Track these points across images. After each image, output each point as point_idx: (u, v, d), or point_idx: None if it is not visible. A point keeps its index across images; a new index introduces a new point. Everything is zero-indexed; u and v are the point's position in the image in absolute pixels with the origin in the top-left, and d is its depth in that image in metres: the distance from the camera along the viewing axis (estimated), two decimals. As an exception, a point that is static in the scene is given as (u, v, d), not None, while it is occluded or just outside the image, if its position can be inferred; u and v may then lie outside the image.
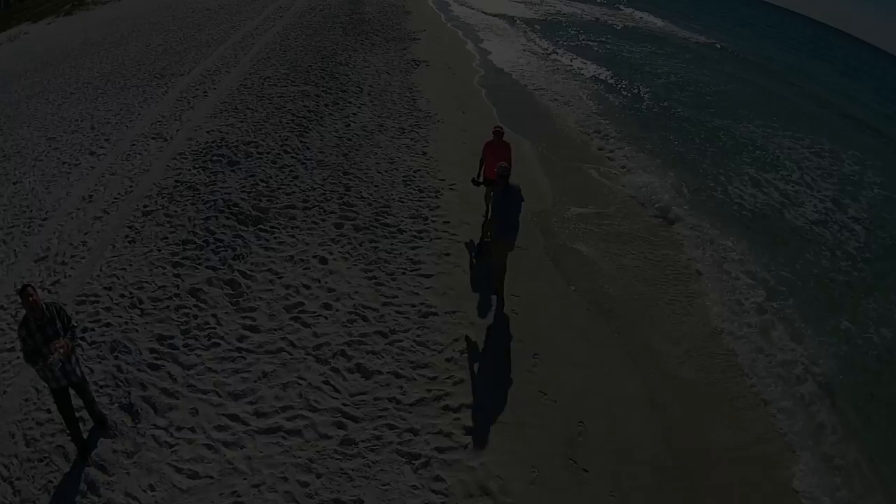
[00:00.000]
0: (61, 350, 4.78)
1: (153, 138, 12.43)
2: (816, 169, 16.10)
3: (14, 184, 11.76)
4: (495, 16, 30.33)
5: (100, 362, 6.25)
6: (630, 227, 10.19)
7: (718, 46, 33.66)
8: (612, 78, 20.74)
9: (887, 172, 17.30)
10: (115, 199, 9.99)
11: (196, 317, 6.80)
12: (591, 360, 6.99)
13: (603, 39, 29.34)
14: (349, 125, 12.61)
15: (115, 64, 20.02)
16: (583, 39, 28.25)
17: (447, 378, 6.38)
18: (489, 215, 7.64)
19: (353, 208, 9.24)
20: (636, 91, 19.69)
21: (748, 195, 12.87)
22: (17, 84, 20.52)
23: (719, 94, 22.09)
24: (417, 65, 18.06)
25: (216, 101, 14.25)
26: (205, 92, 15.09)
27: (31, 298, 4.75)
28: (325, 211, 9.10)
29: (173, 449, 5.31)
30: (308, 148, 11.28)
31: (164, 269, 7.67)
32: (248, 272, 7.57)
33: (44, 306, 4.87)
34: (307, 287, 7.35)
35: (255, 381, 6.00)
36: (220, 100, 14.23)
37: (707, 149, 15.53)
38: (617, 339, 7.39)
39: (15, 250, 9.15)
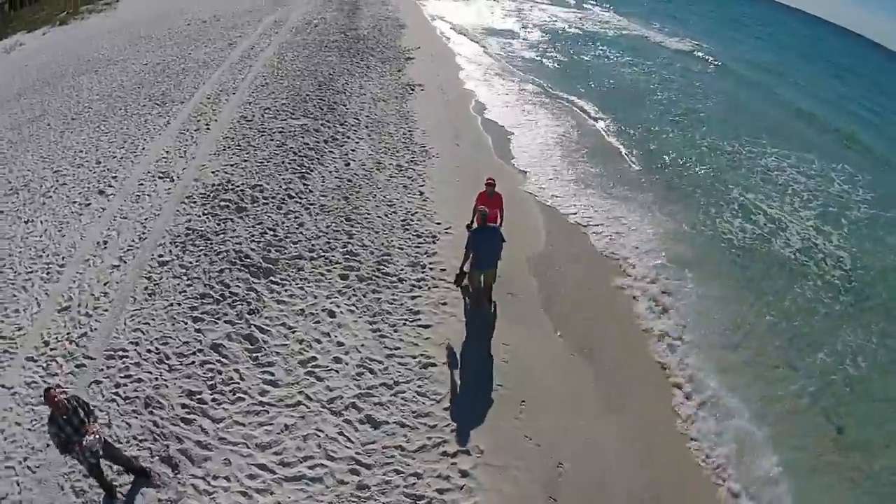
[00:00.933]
0: (95, 434, 5.85)
1: (160, 178, 13.43)
2: (804, 192, 17.12)
3: (26, 223, 12.58)
4: (483, 31, 31.29)
5: (136, 417, 7.34)
6: (614, 269, 11.35)
7: (703, 56, 34.58)
8: (600, 105, 21.45)
9: (876, 187, 18.39)
10: (130, 246, 10.97)
11: (220, 372, 7.90)
12: (573, 404, 8.14)
13: (590, 54, 30.48)
14: (349, 164, 13.71)
15: (113, 85, 20.89)
16: (569, 55, 29.31)
17: (445, 426, 7.53)
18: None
19: (356, 258, 10.35)
20: (623, 116, 20.57)
21: (736, 227, 13.98)
22: (16, 104, 21.39)
23: (707, 113, 23.22)
24: (412, 90, 19.16)
25: (218, 135, 15.27)
26: (206, 124, 16.08)
27: (55, 399, 5.74)
28: (330, 261, 10.20)
29: (212, 496, 6.43)
30: (311, 191, 12.37)
31: (186, 324, 8.76)
32: (264, 327, 8.68)
33: (66, 401, 5.86)
34: (318, 341, 8.47)
35: (278, 434, 7.13)
36: (223, 134, 15.25)
37: (695, 177, 16.60)
38: (598, 384, 8.53)
39: (37, 299, 10.00)
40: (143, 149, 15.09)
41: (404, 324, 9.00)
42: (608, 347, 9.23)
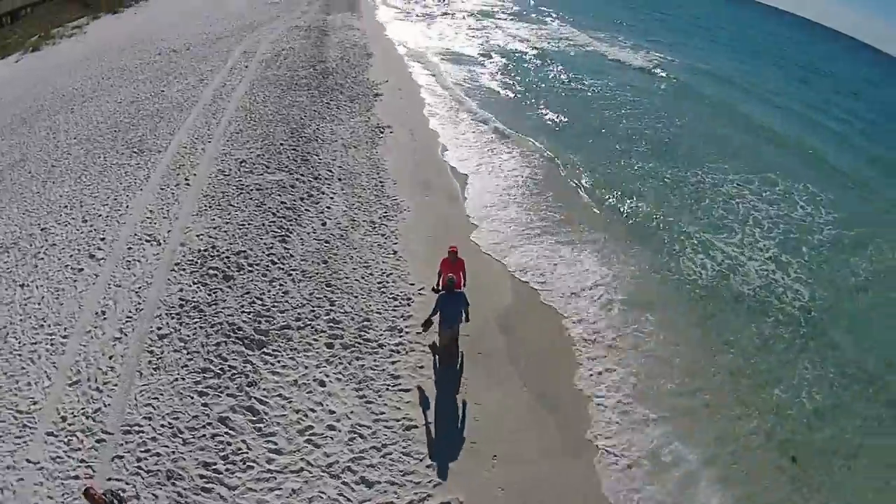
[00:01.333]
0: None
1: (147, 241, 14.71)
2: (765, 219, 18.62)
3: (21, 287, 13.50)
4: (447, 58, 33.03)
5: (161, 489, 8.88)
6: (572, 319, 13.13)
7: (668, 75, 36.32)
8: (559, 141, 22.91)
9: (839, 206, 20.05)
10: (128, 317, 12.25)
11: (229, 444, 9.45)
12: (540, 455, 9.86)
13: (551, 80, 32.04)
14: (325, 223, 15.26)
15: (90, 127, 21.79)
16: (530, 83, 30.84)
17: (428, 482, 9.22)
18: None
19: (339, 325, 11.95)
20: (584, 153, 21.93)
21: (697, 265, 15.53)
22: (-5, 146, 22.32)
23: (671, 140, 24.93)
24: (382, 132, 20.80)
25: (198, 191, 16.65)
26: (186, 179, 17.40)
27: (95, 497, 7.12)
28: (316, 330, 11.78)
29: (236, 559, 8.06)
30: (292, 256, 13.90)
31: (192, 398, 10.26)
32: (263, 398, 10.23)
33: (102, 496, 7.24)
34: (313, 410, 10.08)
35: (287, 497, 8.71)
36: (202, 191, 16.63)
37: (655, 214, 17.83)
38: (561, 434, 10.27)
39: (46, 372, 11.15)
40: (127, 206, 16.27)
41: (387, 389, 10.67)
42: (568, 399, 11.01)
